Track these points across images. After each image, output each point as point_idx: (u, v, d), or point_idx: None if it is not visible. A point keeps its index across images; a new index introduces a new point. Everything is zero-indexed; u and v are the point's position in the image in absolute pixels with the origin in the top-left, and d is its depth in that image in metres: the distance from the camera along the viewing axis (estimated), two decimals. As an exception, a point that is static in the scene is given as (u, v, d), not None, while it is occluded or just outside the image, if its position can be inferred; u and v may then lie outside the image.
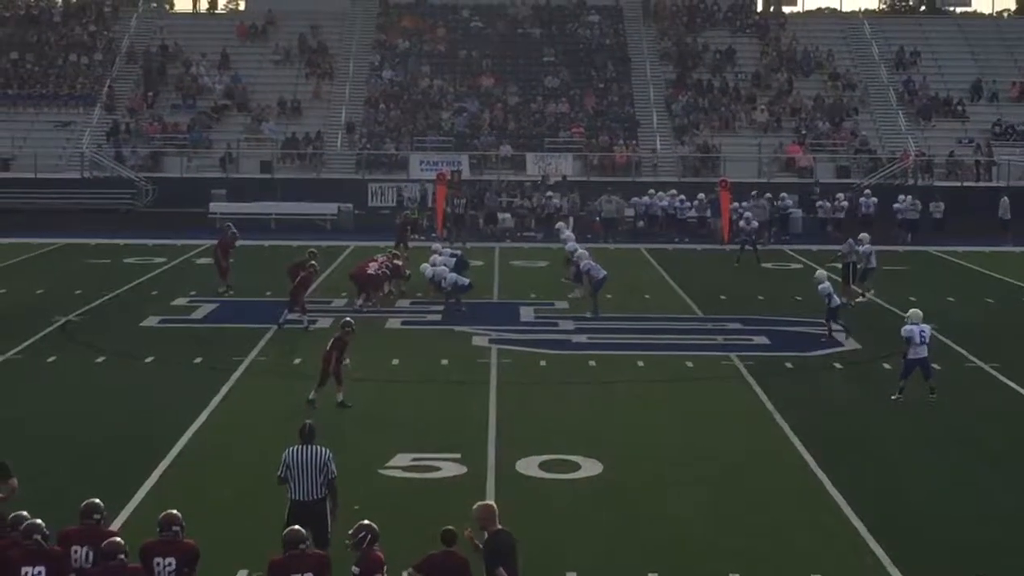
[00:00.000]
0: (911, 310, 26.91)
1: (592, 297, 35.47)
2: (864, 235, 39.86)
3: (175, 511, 13.73)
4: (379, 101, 65.31)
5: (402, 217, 48.03)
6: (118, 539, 13.24)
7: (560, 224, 45.48)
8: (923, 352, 25.98)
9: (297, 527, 13.70)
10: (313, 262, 34.17)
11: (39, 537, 13.15)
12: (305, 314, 33.01)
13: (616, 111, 65.28)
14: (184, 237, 50.38)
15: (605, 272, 35.75)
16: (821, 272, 33.53)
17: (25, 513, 13.57)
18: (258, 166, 60.56)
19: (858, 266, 38.35)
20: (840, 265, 38.82)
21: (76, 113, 64.18)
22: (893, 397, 26.02)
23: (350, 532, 13.46)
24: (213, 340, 31.68)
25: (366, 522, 13.56)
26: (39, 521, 13.30)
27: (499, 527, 13.98)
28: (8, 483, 15.48)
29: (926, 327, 26.23)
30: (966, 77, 67.65)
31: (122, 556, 13.02)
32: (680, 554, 17.82)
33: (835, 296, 32.49)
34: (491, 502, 14.40)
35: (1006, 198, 54.23)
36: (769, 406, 25.68)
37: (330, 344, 25.16)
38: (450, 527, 13.76)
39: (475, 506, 14.34)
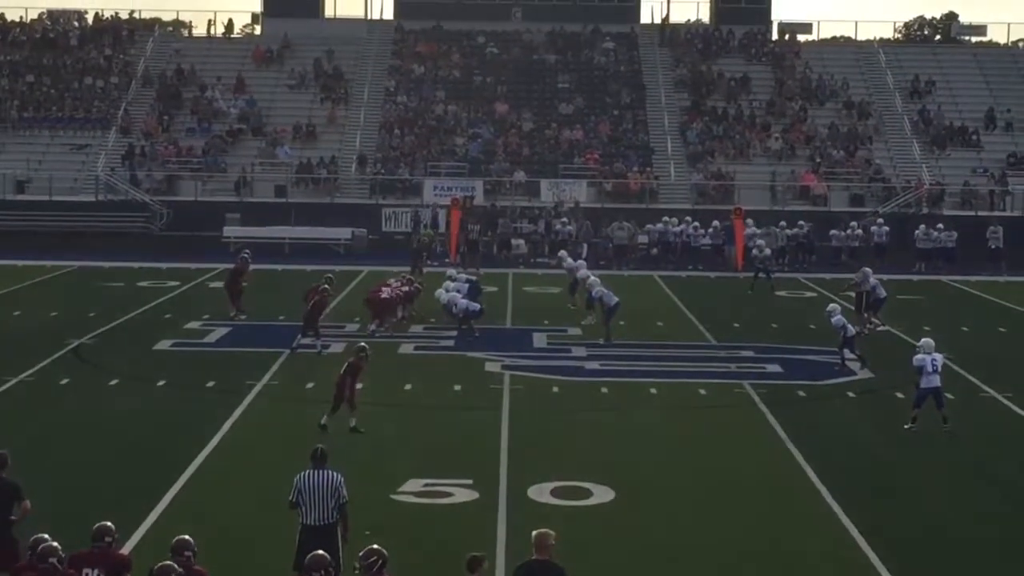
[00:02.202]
0: (923, 339, 26.90)
1: (605, 324, 35.46)
2: (867, 270, 39.75)
3: (187, 536, 13.72)
4: (394, 126, 65.44)
5: (417, 242, 48.10)
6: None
7: (562, 252, 45.56)
8: (935, 381, 25.92)
9: (323, 552, 13.59)
10: (326, 285, 34.25)
11: (55, 560, 13.15)
12: (319, 338, 33.04)
13: (630, 138, 65.33)
14: (198, 261, 50.46)
15: (617, 299, 35.76)
16: (834, 305, 33.36)
17: (46, 536, 13.55)
18: (272, 190, 60.65)
19: (883, 294, 38.29)
20: (853, 294, 38.79)
21: (91, 136, 64.38)
22: (907, 426, 25.97)
23: (360, 555, 13.40)
24: (226, 364, 31.72)
25: (376, 547, 13.49)
26: (55, 544, 13.30)
27: (542, 557, 13.91)
28: (21, 505, 15.51)
29: (938, 356, 26.17)
30: (981, 106, 67.65)
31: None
32: (692, 582, 17.81)
33: (849, 326, 32.38)
34: (546, 530, 14.29)
35: (1000, 227, 54.15)
36: (782, 434, 25.63)
37: (344, 369, 25.20)
38: (476, 553, 13.67)
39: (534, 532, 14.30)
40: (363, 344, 26.51)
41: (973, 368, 31.92)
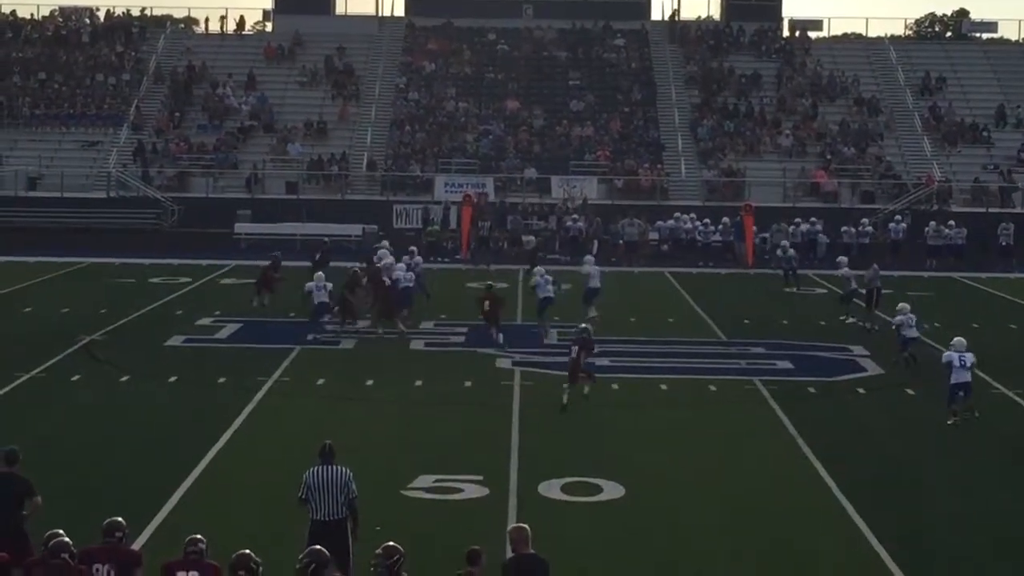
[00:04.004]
0: (955, 338, 27.16)
1: (539, 317, 35.79)
2: (842, 258, 41.27)
3: (199, 536, 13.73)
4: (404, 123, 65.48)
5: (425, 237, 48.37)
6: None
7: (412, 247, 45.37)
8: (965, 377, 26.26)
9: (319, 547, 13.57)
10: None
11: (66, 556, 13.18)
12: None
13: (641, 135, 65.33)
14: (209, 257, 50.57)
15: (551, 295, 35.84)
16: (903, 304, 32.86)
17: (60, 532, 13.59)
18: (283, 187, 60.78)
19: (883, 291, 38.32)
20: (864, 291, 38.82)
21: (103, 133, 64.54)
22: (949, 422, 26.10)
23: (379, 553, 13.21)
24: (237, 360, 31.79)
25: (396, 545, 13.34)
26: (67, 539, 13.33)
27: (529, 552, 13.92)
28: (33, 501, 15.56)
29: (968, 355, 26.44)
30: (992, 103, 67.61)
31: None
32: (701, 578, 17.83)
33: (911, 329, 32.01)
34: (524, 525, 14.35)
35: (1011, 224, 54.15)
36: (792, 430, 25.64)
37: (576, 351, 27.04)
38: (474, 547, 13.71)
39: (509, 528, 14.37)
40: (585, 325, 28.22)
41: (983, 365, 31.59)
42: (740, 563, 18.33)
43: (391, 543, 13.31)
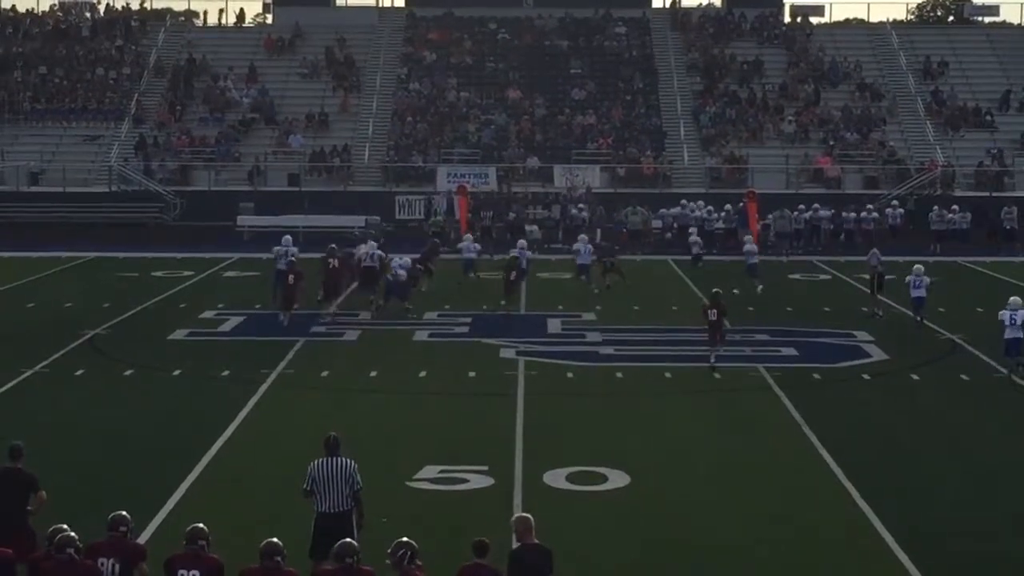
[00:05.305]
0: (1012, 297, 28.30)
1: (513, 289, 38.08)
2: (748, 237, 43.96)
3: (202, 525, 13.72)
4: (406, 114, 65.43)
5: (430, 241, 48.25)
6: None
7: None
8: (1016, 333, 27.68)
9: (349, 540, 13.56)
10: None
11: (72, 551, 13.16)
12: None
13: (643, 123, 65.28)
14: (212, 250, 50.53)
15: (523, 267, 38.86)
16: (918, 267, 34.91)
17: (65, 526, 13.57)
18: (286, 179, 60.75)
19: (886, 277, 38.22)
20: (868, 276, 38.75)
21: (104, 127, 64.56)
22: (1008, 373, 27.86)
23: (389, 551, 13.29)
24: (241, 353, 31.76)
25: (405, 539, 13.32)
26: (72, 534, 13.31)
27: (533, 541, 13.90)
28: (38, 496, 15.55)
29: (1021, 312, 27.80)
30: (995, 87, 67.54)
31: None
32: (708, 567, 17.77)
33: (918, 290, 34.40)
34: (527, 515, 14.35)
35: (1014, 207, 54.07)
36: (797, 417, 25.59)
37: (715, 314, 29.42)
38: (482, 538, 13.68)
39: (512, 518, 14.35)
40: (717, 289, 30.74)
41: (987, 348, 31.74)
42: (746, 551, 18.30)
43: (402, 539, 13.28)
